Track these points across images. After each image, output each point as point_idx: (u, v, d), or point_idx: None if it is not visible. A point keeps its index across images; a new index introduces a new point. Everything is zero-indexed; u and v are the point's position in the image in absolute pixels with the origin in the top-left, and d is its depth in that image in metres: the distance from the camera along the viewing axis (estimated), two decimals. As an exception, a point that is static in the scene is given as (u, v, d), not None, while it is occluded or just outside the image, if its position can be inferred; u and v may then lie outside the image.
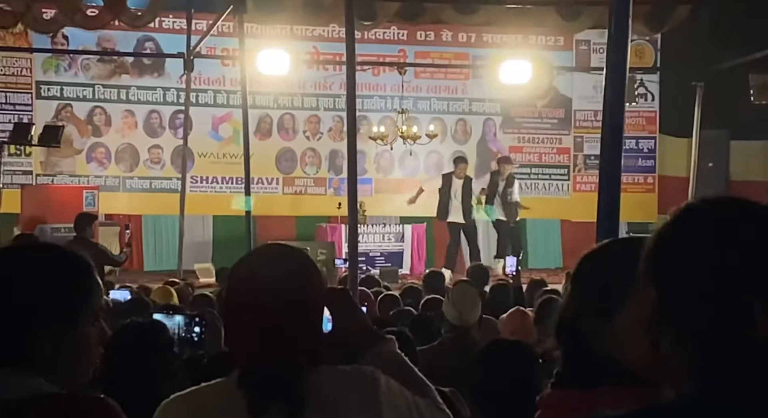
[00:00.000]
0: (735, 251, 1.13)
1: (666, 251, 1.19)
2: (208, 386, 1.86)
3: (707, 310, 1.13)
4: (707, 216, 1.20)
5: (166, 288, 6.88)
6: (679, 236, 1.18)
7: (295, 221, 15.12)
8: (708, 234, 1.16)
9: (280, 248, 1.92)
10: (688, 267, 1.14)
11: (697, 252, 1.15)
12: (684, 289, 1.14)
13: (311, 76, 15.04)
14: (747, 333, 1.11)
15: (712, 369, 1.13)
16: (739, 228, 1.16)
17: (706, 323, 1.13)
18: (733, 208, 1.20)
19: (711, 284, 1.13)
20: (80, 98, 14.36)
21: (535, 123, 15.91)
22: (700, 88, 13.91)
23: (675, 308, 1.15)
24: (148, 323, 3.03)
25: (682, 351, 1.15)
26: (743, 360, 1.11)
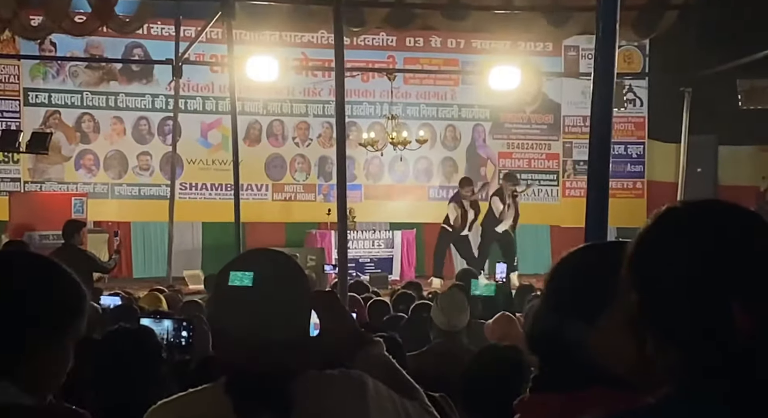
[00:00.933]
0: (711, 253, 1.14)
1: (645, 254, 1.21)
2: (195, 392, 1.85)
3: (687, 312, 1.13)
4: (684, 219, 1.20)
5: (154, 294, 6.85)
6: (657, 239, 1.19)
7: (284, 228, 15.10)
8: (684, 237, 1.17)
9: (265, 253, 1.91)
10: (666, 270, 1.15)
11: (674, 255, 1.15)
12: (664, 292, 1.14)
13: (300, 83, 15.05)
14: (728, 332, 1.11)
15: (696, 370, 1.13)
16: (715, 230, 1.17)
17: (687, 325, 1.13)
18: (710, 210, 1.21)
19: (689, 285, 1.13)
20: (68, 105, 14.32)
21: (524, 129, 15.95)
22: (688, 94, 13.96)
23: (656, 310, 1.15)
24: (136, 328, 3.01)
25: (665, 353, 1.15)
26: (726, 360, 1.11)
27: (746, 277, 1.13)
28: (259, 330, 1.75)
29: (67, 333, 1.70)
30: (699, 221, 1.19)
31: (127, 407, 2.13)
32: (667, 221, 1.20)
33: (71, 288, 1.72)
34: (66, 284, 1.71)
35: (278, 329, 1.76)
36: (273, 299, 1.77)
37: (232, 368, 1.79)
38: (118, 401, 2.54)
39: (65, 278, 1.72)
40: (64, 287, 1.70)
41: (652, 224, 1.21)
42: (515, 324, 5.27)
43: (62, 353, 1.70)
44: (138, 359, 2.71)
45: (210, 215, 14.47)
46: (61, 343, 1.69)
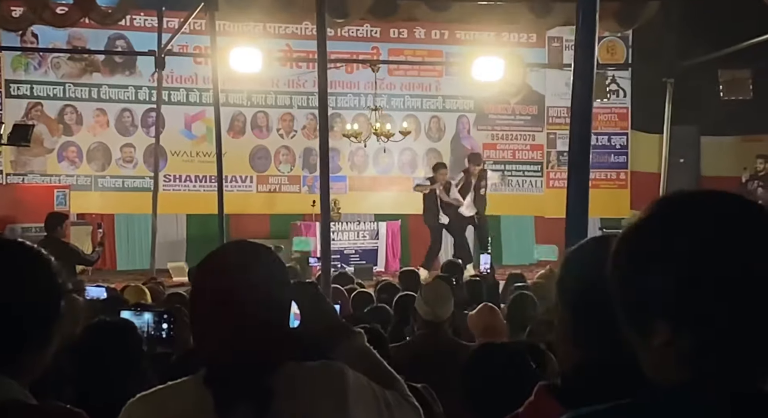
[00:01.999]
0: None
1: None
2: (175, 384, 1.85)
3: (714, 294, 1.11)
4: (711, 198, 1.19)
5: (138, 287, 6.82)
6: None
7: (269, 219, 15.08)
8: (708, 215, 1.16)
9: (244, 245, 1.91)
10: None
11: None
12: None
13: (284, 74, 15.02)
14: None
15: (716, 357, 1.12)
16: (743, 207, 1.17)
17: (713, 308, 1.11)
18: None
19: (720, 266, 1.12)
20: (51, 97, 14.24)
21: (508, 120, 15.97)
22: (671, 85, 14.01)
23: (676, 295, 1.13)
24: (117, 322, 3.00)
25: (679, 341, 1.13)
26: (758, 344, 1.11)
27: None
28: (238, 323, 1.75)
29: (56, 327, 1.69)
30: (729, 198, 1.18)
31: (107, 401, 2.12)
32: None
33: (57, 277, 1.71)
34: (53, 272, 1.70)
35: (257, 322, 1.76)
36: (252, 292, 1.77)
37: (212, 360, 1.79)
38: (98, 395, 2.53)
39: (52, 267, 1.71)
40: (53, 277, 1.69)
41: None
42: (498, 315, 5.29)
43: (53, 344, 1.69)
44: (118, 352, 2.70)
45: (194, 206, 14.44)
46: (54, 334, 1.68)
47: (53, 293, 1.67)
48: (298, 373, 1.81)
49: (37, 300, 1.64)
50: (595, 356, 1.43)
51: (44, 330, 1.65)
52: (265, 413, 1.74)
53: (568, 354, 1.51)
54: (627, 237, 1.21)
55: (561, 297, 1.57)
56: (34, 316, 1.63)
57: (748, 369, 1.13)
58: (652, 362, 1.18)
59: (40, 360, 1.67)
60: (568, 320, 1.53)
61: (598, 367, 1.39)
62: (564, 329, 1.53)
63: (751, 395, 1.12)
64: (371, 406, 1.86)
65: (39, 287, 1.65)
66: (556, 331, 1.58)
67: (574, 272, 1.55)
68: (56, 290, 1.68)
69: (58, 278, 1.69)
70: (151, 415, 1.79)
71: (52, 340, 1.68)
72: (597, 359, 1.40)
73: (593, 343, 1.43)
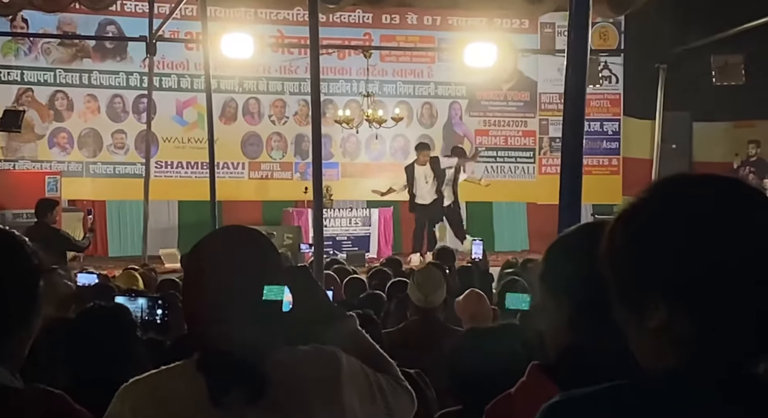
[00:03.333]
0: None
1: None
2: (168, 369, 1.85)
3: (718, 276, 1.11)
4: (724, 183, 1.19)
5: (130, 273, 6.82)
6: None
7: (261, 206, 15.07)
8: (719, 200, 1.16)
9: (236, 230, 1.91)
10: (700, 234, 1.12)
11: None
12: (688, 256, 1.12)
13: (276, 60, 14.97)
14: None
15: (714, 340, 1.12)
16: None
17: (716, 291, 1.11)
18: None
19: (726, 249, 1.11)
20: (41, 83, 14.18)
21: (500, 106, 15.96)
22: (663, 70, 14.01)
23: (675, 277, 1.12)
24: (110, 306, 3.00)
25: (676, 324, 1.13)
26: (757, 327, 1.11)
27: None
28: (231, 307, 1.75)
29: (39, 309, 1.69)
30: (728, 182, 1.18)
31: (101, 385, 2.12)
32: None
33: (33, 258, 1.70)
34: (28, 253, 1.69)
35: (250, 306, 1.76)
36: (244, 276, 1.77)
37: (204, 344, 1.79)
38: (91, 380, 2.53)
39: (26, 248, 1.70)
40: (28, 258, 1.68)
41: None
42: (485, 301, 5.30)
43: (34, 329, 1.69)
44: (112, 337, 2.70)
45: (186, 193, 14.41)
46: (36, 319, 1.68)
47: (29, 274, 1.67)
48: (290, 357, 1.81)
49: (14, 282, 1.63)
50: (590, 340, 1.43)
51: (24, 312, 1.65)
52: (257, 397, 1.74)
53: (561, 339, 1.51)
54: (624, 219, 1.20)
55: (554, 282, 1.56)
56: (12, 298, 1.63)
57: (743, 353, 1.13)
58: (645, 345, 1.17)
59: (22, 342, 1.67)
60: (562, 305, 1.52)
61: (595, 349, 1.39)
62: (556, 314, 1.53)
63: (744, 378, 1.12)
64: (364, 390, 1.86)
65: (14, 268, 1.64)
66: (546, 316, 1.58)
67: (569, 257, 1.55)
68: (32, 271, 1.67)
69: (33, 259, 1.68)
70: (144, 399, 1.79)
71: (33, 321, 1.67)
72: (594, 342, 1.40)
73: (590, 327, 1.43)
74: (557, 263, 1.58)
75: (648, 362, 1.17)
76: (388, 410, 1.91)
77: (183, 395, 1.77)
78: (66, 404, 1.65)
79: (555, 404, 1.14)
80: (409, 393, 1.99)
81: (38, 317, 1.68)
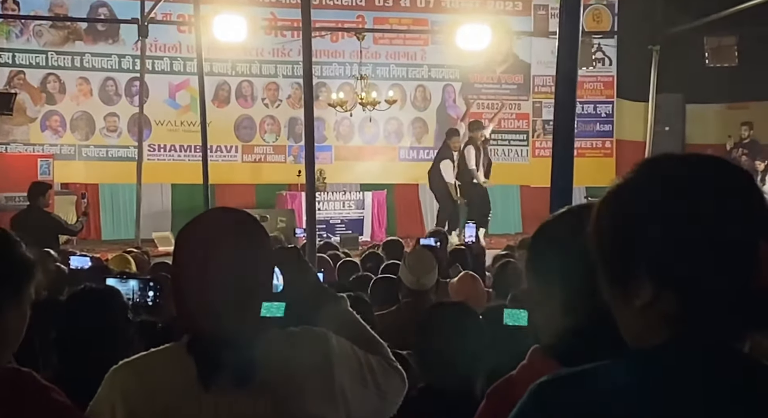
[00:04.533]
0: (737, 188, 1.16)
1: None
2: (158, 351, 1.85)
3: (700, 251, 1.11)
4: (696, 162, 1.19)
5: (123, 256, 6.80)
6: (665, 179, 1.18)
7: (254, 189, 15.05)
8: (706, 174, 1.17)
9: (226, 211, 1.90)
10: (686, 206, 1.13)
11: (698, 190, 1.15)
12: (673, 229, 1.13)
13: (269, 43, 14.91)
14: (746, 274, 1.10)
15: (701, 316, 1.13)
16: (735, 170, 1.18)
17: (700, 266, 1.12)
18: (711, 158, 1.21)
19: (712, 221, 1.12)
20: (33, 65, 14.10)
21: (494, 89, 15.93)
22: (656, 52, 13.98)
23: (660, 251, 1.13)
24: (101, 288, 2.99)
25: (661, 300, 1.14)
26: (739, 303, 1.12)
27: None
28: (221, 288, 1.75)
29: (28, 290, 1.69)
30: (715, 162, 1.18)
31: (91, 367, 2.12)
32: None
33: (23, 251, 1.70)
34: (15, 241, 1.69)
35: (240, 287, 1.76)
36: (233, 258, 1.77)
37: (194, 326, 1.79)
38: (82, 362, 2.53)
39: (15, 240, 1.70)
40: (20, 245, 1.69)
41: (651, 171, 1.20)
42: (479, 283, 5.31)
43: (25, 309, 1.69)
44: (102, 319, 2.70)
45: (179, 176, 14.38)
46: (25, 299, 1.68)
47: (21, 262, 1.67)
48: (281, 339, 1.81)
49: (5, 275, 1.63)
50: (586, 324, 1.43)
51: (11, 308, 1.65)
52: (247, 380, 1.74)
53: (555, 324, 1.51)
54: (609, 199, 1.21)
55: (542, 270, 1.56)
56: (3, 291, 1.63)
57: (728, 330, 1.13)
58: (633, 324, 1.18)
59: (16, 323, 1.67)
60: (553, 291, 1.52)
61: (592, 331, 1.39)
62: (548, 301, 1.53)
63: (730, 354, 1.13)
64: (355, 371, 1.87)
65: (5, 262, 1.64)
66: (538, 303, 1.57)
67: (555, 244, 1.55)
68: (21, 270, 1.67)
69: (20, 246, 1.68)
70: (134, 381, 1.79)
71: (23, 304, 1.67)
72: (589, 324, 1.40)
73: (584, 311, 1.43)
74: (544, 251, 1.57)
75: (635, 340, 1.18)
76: (379, 390, 1.91)
77: (172, 377, 1.77)
78: (34, 381, 1.65)
79: (541, 384, 1.15)
80: (400, 374, 1.99)
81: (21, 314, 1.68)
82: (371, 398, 1.90)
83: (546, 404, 1.13)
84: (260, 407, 1.73)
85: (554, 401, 1.13)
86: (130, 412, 1.75)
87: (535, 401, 1.14)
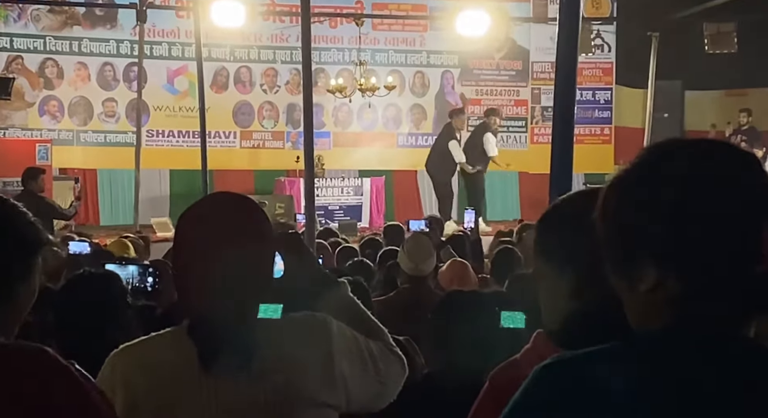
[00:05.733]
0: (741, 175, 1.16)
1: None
2: (158, 335, 1.85)
3: (705, 234, 1.12)
4: (698, 145, 1.19)
5: (122, 241, 6.81)
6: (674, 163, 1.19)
7: (253, 175, 15.04)
8: (707, 160, 1.17)
9: (227, 196, 1.90)
10: (688, 191, 1.13)
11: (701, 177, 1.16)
12: (676, 215, 1.14)
13: (268, 28, 14.87)
14: (752, 257, 1.11)
15: (702, 300, 1.14)
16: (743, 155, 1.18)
17: (705, 250, 1.12)
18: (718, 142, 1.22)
19: (716, 206, 1.12)
20: (31, 50, 14.06)
21: (492, 75, 15.91)
22: (656, 39, 13.95)
23: (663, 236, 1.13)
24: (100, 273, 2.99)
25: (665, 285, 1.14)
26: (743, 287, 1.12)
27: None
28: (221, 273, 1.75)
29: (37, 263, 1.69)
30: (719, 146, 1.19)
31: (90, 351, 2.12)
32: (679, 148, 1.19)
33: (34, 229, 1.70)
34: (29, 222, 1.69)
35: (240, 272, 1.76)
36: (234, 242, 1.77)
37: (195, 310, 1.79)
38: (81, 346, 2.53)
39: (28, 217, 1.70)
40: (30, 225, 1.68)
41: (656, 155, 1.20)
42: (468, 269, 5.33)
43: (35, 284, 1.69)
44: (101, 303, 2.70)
45: (177, 162, 14.37)
46: (35, 272, 1.68)
47: (27, 244, 1.66)
48: (281, 324, 1.81)
49: (17, 250, 1.63)
50: (592, 307, 1.43)
51: (23, 282, 1.65)
52: (248, 363, 1.74)
53: (561, 307, 1.51)
54: (615, 184, 1.21)
55: (551, 252, 1.55)
56: (15, 266, 1.63)
57: (731, 313, 1.14)
58: (637, 309, 1.19)
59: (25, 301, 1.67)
60: (560, 274, 1.52)
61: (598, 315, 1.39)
62: (554, 284, 1.53)
63: (732, 339, 1.13)
64: (355, 356, 1.87)
65: (16, 237, 1.64)
66: (544, 286, 1.57)
67: (565, 226, 1.54)
68: (31, 241, 1.67)
69: (34, 228, 1.68)
70: (134, 365, 1.80)
71: (21, 293, 1.67)
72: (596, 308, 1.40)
73: (591, 294, 1.43)
74: (553, 233, 1.56)
75: (640, 324, 1.19)
76: (379, 375, 1.91)
77: (173, 361, 1.78)
78: (54, 360, 1.65)
79: (546, 366, 1.15)
80: (400, 359, 2.00)
81: (31, 289, 1.68)
82: (371, 383, 1.90)
83: (551, 386, 1.14)
84: (260, 390, 1.74)
85: (559, 382, 1.13)
86: (130, 395, 1.76)
87: (540, 383, 1.15)
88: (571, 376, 1.13)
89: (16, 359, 1.56)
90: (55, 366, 1.57)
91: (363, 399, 1.90)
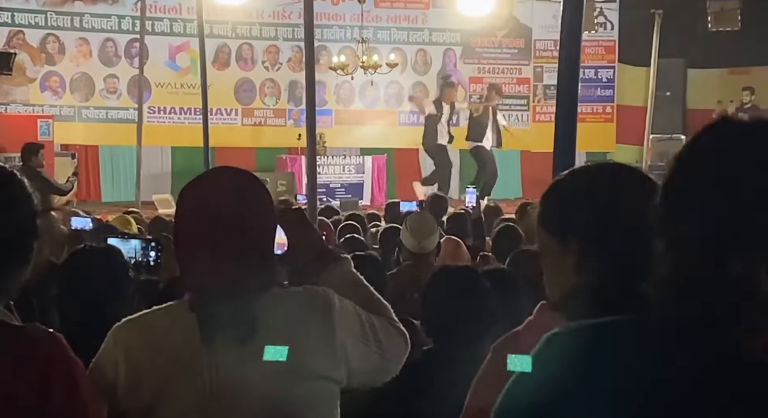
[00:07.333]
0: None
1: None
2: (160, 309, 1.85)
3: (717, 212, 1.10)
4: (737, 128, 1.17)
5: (124, 217, 6.81)
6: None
7: (254, 153, 15.03)
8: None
9: (228, 170, 1.89)
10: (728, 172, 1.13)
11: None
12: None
13: (269, 5, 14.82)
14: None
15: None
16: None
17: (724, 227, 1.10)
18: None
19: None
20: (32, 25, 14.03)
21: (495, 53, 15.86)
22: (659, 16, 13.89)
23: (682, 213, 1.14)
24: (102, 247, 3.00)
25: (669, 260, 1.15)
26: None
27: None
28: (223, 247, 1.75)
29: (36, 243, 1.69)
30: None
31: (92, 325, 2.13)
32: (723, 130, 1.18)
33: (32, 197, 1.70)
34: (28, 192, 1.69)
35: (242, 246, 1.76)
36: (236, 216, 1.76)
37: (197, 285, 1.79)
38: (83, 320, 2.54)
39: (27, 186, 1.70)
40: (29, 196, 1.68)
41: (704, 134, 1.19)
42: (461, 247, 5.33)
43: (31, 264, 1.69)
44: (103, 277, 2.70)
45: (179, 139, 14.37)
46: (32, 254, 1.68)
47: (30, 211, 1.66)
48: (283, 298, 1.82)
49: (17, 219, 1.63)
50: (595, 280, 1.44)
51: (24, 250, 1.65)
52: (249, 337, 1.75)
53: (564, 280, 1.52)
54: (678, 168, 1.18)
55: (555, 226, 1.55)
56: (14, 236, 1.63)
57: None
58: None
59: (17, 280, 1.67)
60: (564, 247, 1.52)
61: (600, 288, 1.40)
62: (558, 257, 1.53)
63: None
64: (357, 330, 1.87)
65: (16, 206, 1.64)
66: (547, 259, 1.57)
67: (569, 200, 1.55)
68: (32, 209, 1.67)
69: (33, 198, 1.68)
70: (137, 338, 1.80)
71: (30, 260, 1.67)
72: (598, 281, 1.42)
73: (594, 267, 1.45)
74: (557, 207, 1.57)
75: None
76: (381, 349, 1.91)
77: (174, 335, 1.78)
78: (64, 349, 1.66)
79: (554, 334, 1.18)
80: (402, 335, 1.99)
81: (34, 256, 1.68)
82: (372, 357, 1.90)
83: (561, 352, 1.15)
84: (262, 364, 1.74)
85: (568, 350, 1.14)
86: (132, 368, 1.76)
87: (551, 349, 1.17)
88: (579, 344, 1.15)
89: (21, 344, 1.58)
90: (57, 355, 1.58)
91: (365, 373, 1.90)
